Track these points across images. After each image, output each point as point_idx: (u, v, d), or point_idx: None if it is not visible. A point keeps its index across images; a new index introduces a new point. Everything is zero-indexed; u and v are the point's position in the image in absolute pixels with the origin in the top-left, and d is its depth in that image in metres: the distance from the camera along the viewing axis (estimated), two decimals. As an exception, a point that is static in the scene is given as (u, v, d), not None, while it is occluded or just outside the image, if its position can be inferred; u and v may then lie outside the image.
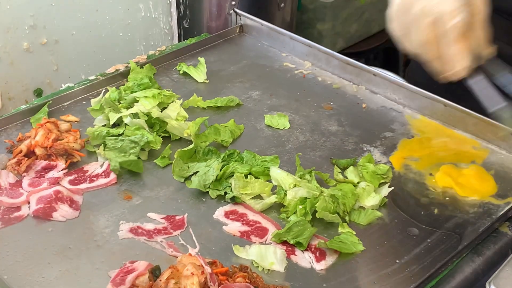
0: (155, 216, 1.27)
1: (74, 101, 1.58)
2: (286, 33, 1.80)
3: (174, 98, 1.58)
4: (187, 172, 1.36)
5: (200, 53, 1.80)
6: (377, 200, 1.30)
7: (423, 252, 1.20)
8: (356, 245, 1.21)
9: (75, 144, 1.40)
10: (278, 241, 1.22)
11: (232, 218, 1.27)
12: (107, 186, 1.34)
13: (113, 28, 2.00)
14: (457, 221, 1.27)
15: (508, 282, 0.99)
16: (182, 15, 2.14)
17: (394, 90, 1.62)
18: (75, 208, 1.28)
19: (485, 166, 1.41)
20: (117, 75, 1.66)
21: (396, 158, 1.44)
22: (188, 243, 1.21)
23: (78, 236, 1.22)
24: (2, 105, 1.82)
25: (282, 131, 1.52)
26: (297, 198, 1.28)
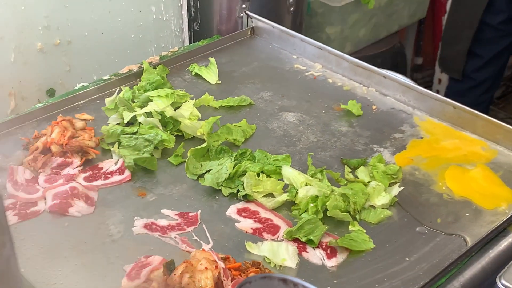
0: (169, 213, 1.29)
1: (89, 100, 1.60)
2: (297, 35, 1.82)
3: (187, 98, 1.60)
4: (200, 170, 1.38)
5: (211, 55, 1.82)
6: (387, 199, 1.32)
7: (432, 251, 1.22)
8: (366, 243, 1.22)
9: (90, 141, 1.42)
10: (289, 238, 1.23)
11: (245, 215, 1.29)
12: (121, 183, 1.36)
13: (125, 30, 2.02)
14: (466, 221, 1.29)
15: (518, 277, 1.00)
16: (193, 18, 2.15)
17: (403, 92, 1.63)
18: (91, 204, 1.30)
19: (494, 167, 1.43)
20: (130, 75, 1.68)
21: (400, 157, 1.46)
22: (201, 239, 1.23)
23: (93, 231, 1.24)
24: (15, 104, 1.84)
25: (293, 131, 1.54)
26: (308, 196, 1.30)
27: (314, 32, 2.55)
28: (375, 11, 2.65)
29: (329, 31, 2.57)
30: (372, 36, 2.77)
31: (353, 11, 2.57)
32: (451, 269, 1.18)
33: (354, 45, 2.71)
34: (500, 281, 1.00)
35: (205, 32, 2.12)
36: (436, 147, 1.50)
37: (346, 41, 2.64)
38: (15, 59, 1.78)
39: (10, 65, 1.78)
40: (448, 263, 1.17)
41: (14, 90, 1.81)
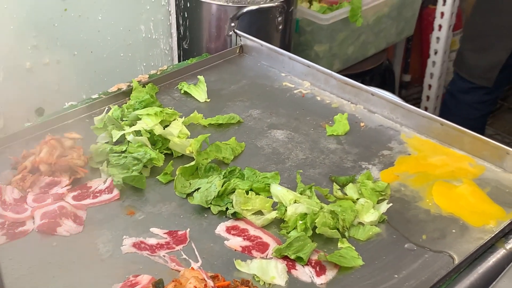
0: (158, 231, 1.28)
1: (78, 119, 1.60)
2: (286, 53, 1.83)
3: (176, 116, 1.60)
4: (189, 188, 1.38)
5: (200, 73, 1.82)
6: (375, 216, 1.32)
7: (421, 267, 1.22)
8: (355, 260, 1.23)
9: (79, 160, 1.42)
10: (279, 256, 1.23)
11: (234, 233, 1.29)
12: (110, 201, 1.35)
13: (114, 48, 2.03)
14: (453, 238, 1.29)
15: (505, 292, 1.01)
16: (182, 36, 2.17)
17: (391, 109, 1.64)
18: (79, 223, 1.29)
19: (481, 183, 1.44)
20: (119, 93, 1.68)
21: (386, 174, 1.46)
22: (190, 257, 1.22)
23: (82, 251, 1.23)
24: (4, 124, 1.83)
25: (282, 148, 1.54)
26: (297, 213, 1.30)
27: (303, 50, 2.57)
28: (363, 29, 2.67)
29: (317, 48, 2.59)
30: (360, 54, 2.79)
31: (341, 29, 2.59)
32: (440, 286, 1.18)
33: (343, 63, 2.73)
34: (488, 297, 1.01)
35: (194, 51, 2.13)
36: (423, 163, 1.51)
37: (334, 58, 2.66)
38: (4, 78, 1.78)
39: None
40: (437, 280, 1.17)
41: (2, 110, 1.80)
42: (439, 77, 3.04)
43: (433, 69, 3.04)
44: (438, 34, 2.96)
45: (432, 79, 3.06)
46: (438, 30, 2.94)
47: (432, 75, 3.05)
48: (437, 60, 3.01)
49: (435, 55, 3.01)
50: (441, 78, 3.05)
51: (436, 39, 2.98)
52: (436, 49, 2.99)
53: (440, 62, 3.00)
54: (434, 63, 3.02)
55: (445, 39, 2.95)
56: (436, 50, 2.99)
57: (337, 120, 1.62)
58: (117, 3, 1.96)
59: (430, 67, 3.05)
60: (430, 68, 3.05)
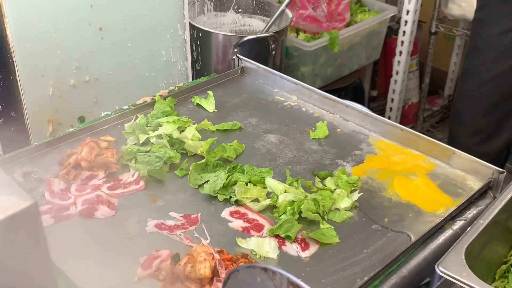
0: (175, 215, 1.28)
1: (111, 125, 1.60)
2: (277, 73, 1.82)
3: (190, 123, 1.59)
4: (200, 180, 1.38)
5: (210, 89, 1.82)
6: (349, 203, 1.32)
7: (385, 244, 1.22)
8: (333, 238, 1.22)
9: (112, 158, 1.42)
10: (272, 235, 1.23)
11: (236, 216, 1.29)
12: (137, 191, 1.35)
13: (140, 69, 2.02)
14: (411, 221, 1.29)
15: (452, 264, 1.00)
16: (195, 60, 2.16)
17: (362, 118, 1.64)
18: (112, 208, 1.29)
19: (433, 177, 1.44)
20: (145, 105, 1.68)
21: (356, 169, 1.46)
22: (201, 236, 1.22)
23: (115, 231, 1.23)
24: (53, 129, 1.83)
25: (274, 149, 1.54)
26: (286, 201, 1.30)
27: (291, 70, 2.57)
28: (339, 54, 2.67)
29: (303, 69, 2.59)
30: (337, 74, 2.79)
31: (322, 54, 2.59)
32: (400, 259, 1.19)
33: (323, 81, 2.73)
34: (438, 268, 1.00)
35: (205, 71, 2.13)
36: (387, 161, 1.50)
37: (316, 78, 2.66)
38: (53, 93, 1.78)
39: (48, 97, 1.77)
40: (398, 254, 1.18)
41: (51, 118, 1.80)
42: (400, 93, 3.04)
43: (395, 86, 3.04)
44: (399, 59, 2.96)
45: (394, 94, 3.06)
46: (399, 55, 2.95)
47: (394, 91, 3.05)
48: (398, 79, 3.01)
49: (397, 75, 3.01)
50: (402, 93, 3.06)
51: (397, 62, 2.98)
52: (398, 70, 2.99)
53: (400, 80, 3.00)
54: (395, 81, 3.02)
55: (404, 62, 2.95)
56: (398, 71, 2.99)
57: (318, 127, 1.61)
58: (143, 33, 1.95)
59: (393, 84, 3.05)
60: (393, 85, 3.05)
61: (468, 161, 1.43)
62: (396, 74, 3.00)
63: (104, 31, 1.84)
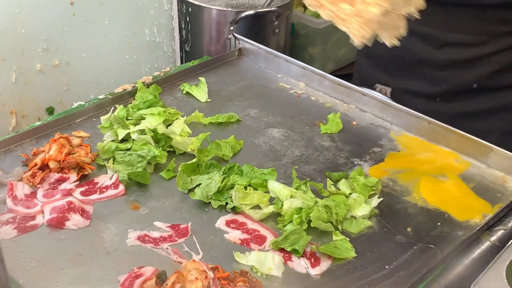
0: (161, 225, 1.27)
1: (85, 118, 1.59)
2: (282, 56, 1.82)
3: (178, 116, 1.58)
4: (191, 184, 1.37)
5: (201, 74, 1.81)
6: (367, 210, 1.31)
7: (410, 259, 1.21)
8: (348, 251, 1.21)
9: (86, 158, 1.40)
10: (275, 248, 1.22)
11: (233, 226, 1.28)
12: (116, 197, 1.34)
13: (120, 51, 2.02)
14: (442, 230, 1.28)
15: (492, 285, 1.00)
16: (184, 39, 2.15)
17: (381, 108, 1.63)
18: (86, 217, 1.28)
19: (466, 178, 1.43)
20: (125, 94, 1.67)
21: (375, 170, 1.45)
22: (192, 250, 1.21)
23: (89, 244, 1.22)
24: (16, 122, 1.82)
25: (278, 146, 1.53)
26: (293, 208, 1.29)
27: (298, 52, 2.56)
28: (354, 32, 2.66)
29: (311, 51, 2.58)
30: (352, 55, 2.78)
31: (333, 32, 2.58)
32: (427, 277, 1.17)
33: (335, 64, 2.72)
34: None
35: (196, 53, 2.12)
36: (412, 159, 1.49)
37: (327, 60, 2.65)
38: (16, 80, 1.77)
39: (11, 85, 1.76)
40: (425, 271, 1.16)
41: (15, 109, 1.79)
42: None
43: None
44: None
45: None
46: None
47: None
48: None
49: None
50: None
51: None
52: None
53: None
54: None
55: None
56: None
57: (330, 119, 1.60)
58: (122, 9, 1.94)
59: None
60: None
61: (509, 159, 1.42)
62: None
63: (76, 6, 1.83)
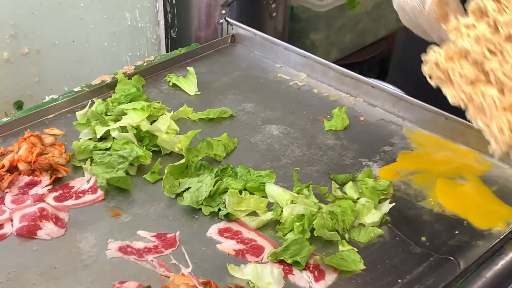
0: (145, 234, 1.27)
1: (59, 114, 1.58)
2: (281, 43, 1.82)
3: (164, 111, 1.58)
4: (179, 188, 1.37)
5: (190, 64, 1.81)
6: (377, 217, 1.31)
7: (426, 272, 1.21)
8: (356, 263, 1.21)
9: (60, 158, 1.40)
10: (275, 260, 1.22)
11: (226, 236, 1.28)
12: (94, 202, 1.34)
13: (97, 37, 2.01)
14: (461, 240, 1.28)
15: (518, 301, 1.00)
16: (170, 24, 2.14)
17: (393, 102, 1.63)
18: (61, 226, 1.28)
19: (488, 180, 1.43)
20: (103, 86, 1.66)
21: (386, 171, 1.45)
22: (180, 262, 1.21)
23: (64, 255, 1.22)
24: (-20, 118, 1.81)
25: (277, 145, 1.53)
26: (294, 215, 1.28)
27: (298, 38, 2.55)
28: (361, 16, 2.66)
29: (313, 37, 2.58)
30: (358, 42, 2.79)
31: (338, 16, 2.58)
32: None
33: (340, 52, 2.72)
34: (499, 305, 0.99)
35: (183, 40, 2.12)
36: (427, 159, 1.50)
37: (331, 47, 2.65)
38: (-20, 70, 1.76)
39: (-26, 76, 1.75)
40: (443, 285, 1.16)
41: (-22, 103, 1.78)
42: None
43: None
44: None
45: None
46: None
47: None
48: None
49: (437, 44, 3.00)
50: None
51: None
52: (439, 37, 2.98)
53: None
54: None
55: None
56: (438, 38, 2.99)
57: (335, 114, 1.61)
58: (100, -11, 1.94)
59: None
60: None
61: (535, 159, 1.43)
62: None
63: (48, -13, 1.82)
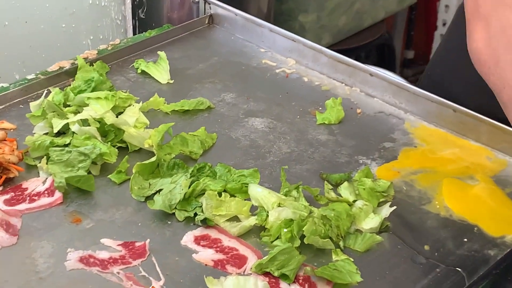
0: (110, 243, 1.27)
1: (10, 105, 1.59)
2: (266, 24, 1.83)
3: (131, 101, 1.58)
4: (149, 190, 1.37)
5: (161, 48, 1.81)
6: (376, 222, 1.32)
7: (431, 284, 1.22)
8: (352, 275, 1.22)
9: (12, 156, 1.39)
10: (259, 272, 1.22)
11: (204, 244, 1.28)
12: (51, 206, 1.34)
13: (54, 18, 2.01)
14: (470, 248, 1.29)
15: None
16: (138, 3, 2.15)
17: (394, 93, 1.64)
18: (12, 233, 1.27)
19: (501, 181, 1.44)
20: (61, 73, 1.67)
21: (386, 170, 1.46)
22: (151, 274, 1.21)
23: (16, 267, 1.21)
24: None
25: (262, 140, 1.53)
26: (281, 220, 1.29)
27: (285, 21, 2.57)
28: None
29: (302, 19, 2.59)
30: (354, 25, 2.80)
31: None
32: (454, 307, 1.19)
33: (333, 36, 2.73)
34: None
35: (153, 21, 2.12)
36: (432, 157, 1.51)
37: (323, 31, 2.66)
38: None
39: None
40: (450, 300, 1.18)
41: None
42: (448, 54, 3.06)
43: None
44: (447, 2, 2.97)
45: (439, 56, 3.08)
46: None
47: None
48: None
49: (443, 27, 3.03)
50: (451, 54, 3.08)
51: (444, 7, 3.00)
52: (445, 19, 3.01)
53: (449, 35, 3.02)
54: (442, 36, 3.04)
55: (456, 7, 2.96)
56: (445, 21, 3.01)
57: (329, 106, 1.62)
58: (57, -38, 1.93)
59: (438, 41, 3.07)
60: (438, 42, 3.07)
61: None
62: (443, 25, 3.03)
63: (-4, -41, 1.81)
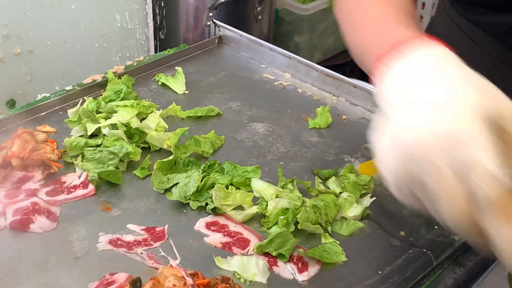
0: (135, 228, 1.27)
1: (51, 112, 1.58)
2: (266, 44, 1.82)
3: (153, 109, 1.58)
4: (167, 183, 1.37)
5: (178, 64, 1.81)
6: (359, 210, 1.32)
7: (405, 263, 1.22)
8: (338, 256, 1.22)
9: (52, 154, 1.40)
10: (260, 253, 1.23)
11: (213, 229, 1.28)
12: (85, 197, 1.34)
13: (88, 38, 2.01)
14: (439, 234, 1.29)
15: None
16: (159, 26, 2.15)
17: (374, 102, 1.63)
18: (53, 219, 1.27)
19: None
20: (94, 85, 1.66)
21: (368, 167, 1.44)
22: (169, 254, 1.21)
23: (56, 248, 1.21)
24: (-27, 116, 1.80)
25: (263, 142, 1.53)
26: (278, 208, 1.29)
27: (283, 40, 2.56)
28: (343, 20, 2.67)
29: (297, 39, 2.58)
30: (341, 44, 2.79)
31: (321, 20, 2.59)
32: (424, 282, 1.18)
33: (323, 54, 2.73)
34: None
35: (171, 41, 2.12)
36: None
37: (315, 49, 2.66)
38: (-27, 69, 1.75)
39: (-33, 75, 1.75)
40: (421, 276, 1.18)
41: (-28, 101, 1.77)
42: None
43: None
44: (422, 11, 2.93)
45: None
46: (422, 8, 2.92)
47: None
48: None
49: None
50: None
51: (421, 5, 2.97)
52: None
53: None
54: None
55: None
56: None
57: (319, 113, 1.61)
58: (91, -9, 1.93)
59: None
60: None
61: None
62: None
63: (40, -11, 1.82)
